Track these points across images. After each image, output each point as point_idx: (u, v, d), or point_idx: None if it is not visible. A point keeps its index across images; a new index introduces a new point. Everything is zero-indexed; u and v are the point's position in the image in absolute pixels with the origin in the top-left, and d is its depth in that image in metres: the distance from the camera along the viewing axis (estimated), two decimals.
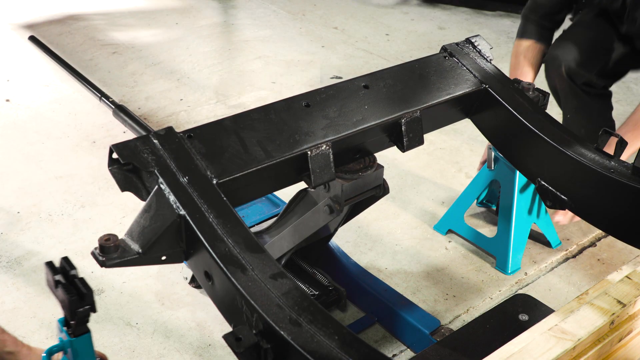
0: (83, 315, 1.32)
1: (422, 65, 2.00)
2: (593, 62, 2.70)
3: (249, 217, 2.54)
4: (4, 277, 2.47)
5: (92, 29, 4.91)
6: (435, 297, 2.44)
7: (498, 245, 2.56)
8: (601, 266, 2.62)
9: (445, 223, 2.76)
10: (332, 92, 1.80)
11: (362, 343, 1.20)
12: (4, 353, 1.80)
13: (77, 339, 1.39)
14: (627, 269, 1.65)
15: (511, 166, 2.40)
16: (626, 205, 1.76)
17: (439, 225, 2.78)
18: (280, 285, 1.28)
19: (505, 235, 2.53)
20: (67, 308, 1.31)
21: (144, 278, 2.46)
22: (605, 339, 1.52)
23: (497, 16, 5.46)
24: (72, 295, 1.29)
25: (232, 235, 1.36)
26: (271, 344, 1.21)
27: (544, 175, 1.93)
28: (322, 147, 1.66)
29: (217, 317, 2.29)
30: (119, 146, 1.48)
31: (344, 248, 2.54)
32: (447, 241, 2.73)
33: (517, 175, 2.45)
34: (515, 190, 2.47)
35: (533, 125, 1.91)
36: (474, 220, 2.84)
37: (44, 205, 2.90)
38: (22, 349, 1.81)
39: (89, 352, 1.44)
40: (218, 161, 1.53)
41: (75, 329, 1.37)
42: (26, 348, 1.82)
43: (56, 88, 4.00)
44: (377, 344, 2.23)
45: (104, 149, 3.35)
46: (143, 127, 3.28)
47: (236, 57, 4.59)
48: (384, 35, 4.99)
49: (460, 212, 2.70)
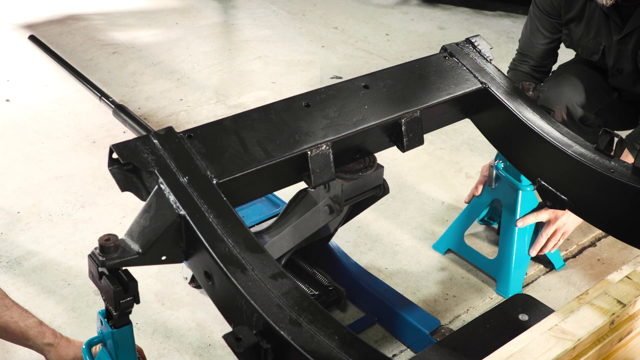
0: (126, 306, 1.35)
1: (422, 65, 2.00)
2: (591, 102, 2.65)
3: (249, 217, 2.54)
4: (4, 277, 2.47)
5: (92, 29, 4.91)
6: (435, 297, 2.44)
7: (499, 267, 2.46)
8: (601, 266, 2.62)
9: (444, 242, 2.65)
10: (332, 92, 1.80)
11: (362, 343, 1.20)
12: (43, 344, 1.84)
13: (119, 331, 1.42)
14: (627, 269, 1.65)
15: (514, 185, 2.33)
16: (626, 205, 1.76)
17: (438, 244, 2.67)
18: (280, 285, 1.28)
19: (506, 257, 2.42)
20: (112, 299, 1.33)
21: (144, 278, 2.46)
22: (605, 339, 1.52)
23: (497, 16, 5.46)
24: (117, 286, 1.31)
25: (232, 235, 1.35)
26: (271, 344, 1.21)
27: (544, 175, 1.93)
28: (322, 147, 1.66)
29: (217, 317, 2.29)
30: (119, 146, 1.48)
31: (344, 248, 2.54)
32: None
33: (519, 196, 2.35)
34: (517, 211, 2.36)
35: (533, 125, 1.91)
36: (473, 239, 2.73)
37: (44, 205, 2.90)
38: (60, 340, 1.85)
39: (130, 343, 1.45)
40: (218, 161, 1.53)
41: (118, 320, 1.40)
42: (65, 340, 1.86)
43: (56, 88, 4.00)
44: (377, 344, 2.23)
45: (104, 149, 3.35)
46: (143, 126, 3.28)
47: (236, 57, 4.59)
48: (384, 35, 4.99)
49: (460, 232, 2.60)
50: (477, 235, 2.76)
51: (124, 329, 1.43)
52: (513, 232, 2.39)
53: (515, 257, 2.41)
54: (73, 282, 2.46)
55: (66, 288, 2.43)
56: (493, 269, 2.50)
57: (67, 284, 2.45)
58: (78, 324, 2.27)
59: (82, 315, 2.31)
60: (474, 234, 2.76)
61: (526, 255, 2.46)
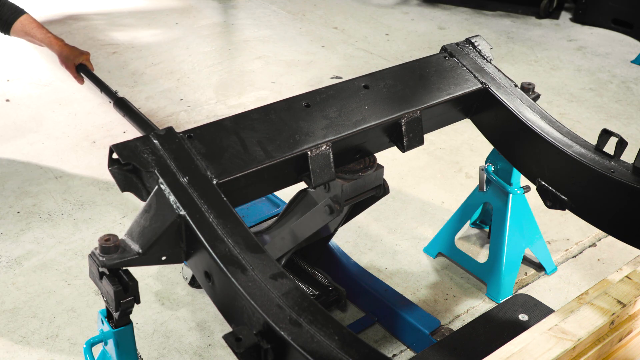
0: (127, 306, 1.35)
1: (422, 65, 2.00)
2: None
3: (249, 217, 2.54)
4: (4, 277, 2.47)
5: (92, 29, 4.91)
6: (435, 297, 2.44)
7: (489, 271, 2.43)
8: (601, 266, 2.62)
9: (435, 246, 2.63)
10: (332, 92, 1.80)
11: (362, 343, 1.20)
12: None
13: (119, 331, 1.42)
14: (627, 269, 1.65)
15: (504, 189, 2.33)
16: (626, 206, 1.76)
17: (429, 247, 2.65)
18: (281, 285, 1.28)
19: (496, 261, 2.39)
20: (112, 299, 1.33)
21: (144, 278, 2.46)
22: (605, 339, 1.52)
23: (497, 16, 5.46)
24: (117, 286, 1.31)
25: (232, 236, 1.36)
26: (271, 344, 1.21)
27: (544, 175, 1.93)
28: (322, 147, 1.66)
29: (217, 317, 2.29)
30: (119, 146, 1.48)
31: (344, 248, 2.54)
32: None
33: (510, 199, 2.34)
34: (507, 214, 2.35)
35: (533, 125, 1.91)
36: (465, 242, 2.72)
37: (44, 205, 2.90)
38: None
39: (131, 343, 1.45)
40: (218, 161, 1.53)
41: (118, 320, 1.40)
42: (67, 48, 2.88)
43: (56, 88, 4.00)
44: (377, 344, 2.23)
45: (104, 149, 3.35)
46: (143, 121, 3.23)
47: (236, 57, 4.59)
48: (384, 35, 4.99)
49: (450, 236, 2.57)
50: (468, 239, 2.75)
51: (125, 328, 1.43)
52: (504, 236, 2.38)
53: (506, 261, 2.39)
54: (73, 282, 2.46)
55: (66, 288, 2.43)
56: (483, 273, 2.49)
57: (67, 284, 2.45)
58: (78, 324, 2.27)
59: (82, 315, 2.31)
60: (465, 238, 2.75)
61: (517, 259, 2.44)
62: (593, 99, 4.04)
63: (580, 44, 4.92)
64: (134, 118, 2.43)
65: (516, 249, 2.41)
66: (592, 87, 4.20)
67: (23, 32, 2.83)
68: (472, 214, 2.57)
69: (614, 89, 4.20)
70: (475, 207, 2.52)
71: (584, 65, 4.55)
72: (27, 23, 2.82)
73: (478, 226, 2.78)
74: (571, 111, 3.88)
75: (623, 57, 4.68)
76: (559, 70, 4.47)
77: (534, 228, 2.46)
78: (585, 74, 4.41)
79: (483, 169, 2.39)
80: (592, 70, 4.46)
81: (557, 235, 2.77)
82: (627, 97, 4.08)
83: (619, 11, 5.09)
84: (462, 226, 2.57)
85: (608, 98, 4.06)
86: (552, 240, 2.75)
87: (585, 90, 4.17)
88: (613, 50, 4.80)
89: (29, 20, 2.83)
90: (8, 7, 2.82)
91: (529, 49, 4.79)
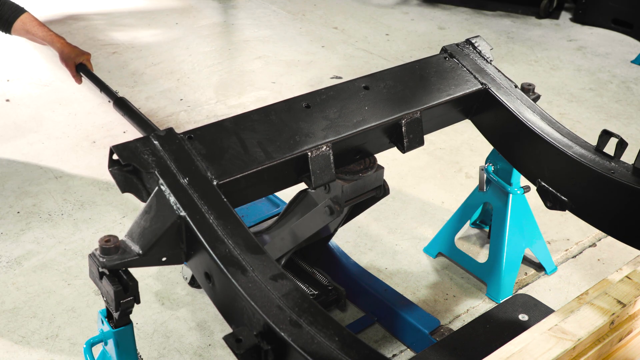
0: (127, 306, 1.35)
1: (423, 66, 2.00)
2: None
3: (249, 217, 2.54)
4: (4, 277, 2.47)
5: (92, 29, 4.91)
6: (435, 297, 2.44)
7: (489, 271, 2.43)
8: (601, 266, 2.62)
9: (435, 246, 2.63)
10: (332, 93, 1.80)
11: (362, 344, 1.20)
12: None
13: (119, 331, 1.42)
14: (627, 269, 1.65)
15: (504, 189, 2.33)
16: (626, 206, 1.76)
17: (429, 247, 2.65)
18: (281, 286, 1.28)
19: (496, 261, 2.39)
20: (112, 299, 1.33)
21: (144, 278, 2.46)
22: (605, 339, 1.52)
23: (497, 16, 5.46)
24: (117, 287, 1.31)
25: (233, 237, 1.36)
26: (271, 345, 1.21)
27: (544, 176, 1.93)
28: (322, 148, 1.66)
29: (217, 317, 2.29)
30: (119, 147, 1.48)
31: (344, 248, 2.54)
32: None
33: (510, 199, 2.34)
34: (507, 214, 2.35)
35: (533, 126, 1.91)
36: (465, 242, 2.71)
37: (44, 205, 2.90)
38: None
39: (131, 343, 1.46)
40: (218, 162, 1.54)
41: (118, 320, 1.40)
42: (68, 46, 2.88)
43: (56, 88, 4.00)
44: (377, 344, 2.24)
45: (104, 149, 3.35)
46: (143, 121, 3.23)
47: (236, 57, 4.59)
48: (384, 35, 4.99)
49: (450, 236, 2.57)
50: (468, 239, 2.75)
51: (125, 328, 1.43)
52: (504, 236, 2.38)
53: (506, 261, 2.39)
54: (73, 282, 2.46)
55: (66, 288, 2.43)
56: (483, 273, 2.49)
57: (67, 284, 2.45)
58: (78, 324, 2.27)
59: (82, 315, 2.31)
60: (465, 238, 2.74)
61: (517, 259, 2.44)
62: (593, 99, 4.04)
63: (580, 44, 4.93)
64: (134, 118, 2.43)
65: (516, 249, 2.41)
66: (592, 87, 4.21)
67: (24, 31, 2.83)
68: (472, 214, 2.57)
69: (614, 89, 4.20)
70: (475, 207, 2.53)
71: (584, 65, 4.55)
72: (28, 21, 2.82)
73: (478, 226, 2.78)
74: (571, 111, 3.88)
75: (623, 57, 4.68)
76: (559, 70, 4.47)
77: (534, 228, 2.46)
78: (585, 74, 4.41)
79: (483, 169, 2.39)
80: (592, 70, 4.46)
81: (557, 235, 2.77)
82: (627, 97, 4.08)
83: (619, 11, 5.09)
84: (462, 226, 2.57)
85: (608, 98, 4.06)
86: (552, 240, 2.75)
87: (585, 90, 4.17)
88: (613, 50, 4.80)
89: (29, 19, 2.82)
90: (8, 6, 2.81)
91: (529, 49, 4.79)
